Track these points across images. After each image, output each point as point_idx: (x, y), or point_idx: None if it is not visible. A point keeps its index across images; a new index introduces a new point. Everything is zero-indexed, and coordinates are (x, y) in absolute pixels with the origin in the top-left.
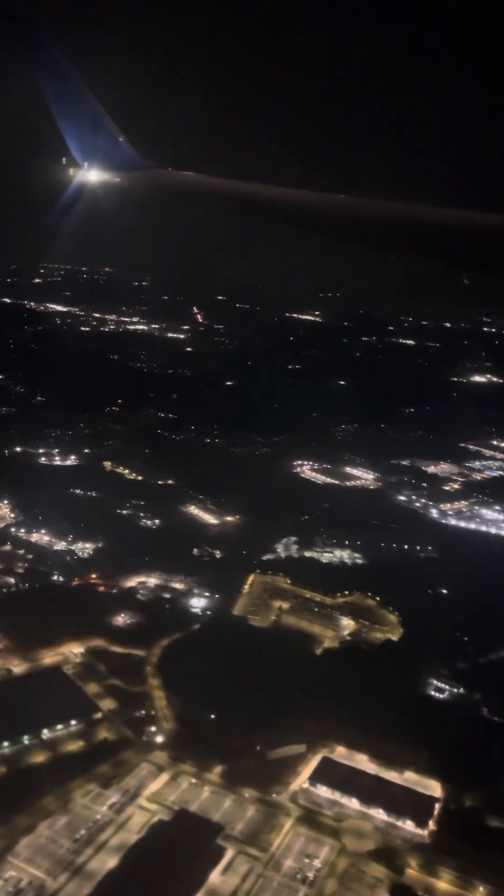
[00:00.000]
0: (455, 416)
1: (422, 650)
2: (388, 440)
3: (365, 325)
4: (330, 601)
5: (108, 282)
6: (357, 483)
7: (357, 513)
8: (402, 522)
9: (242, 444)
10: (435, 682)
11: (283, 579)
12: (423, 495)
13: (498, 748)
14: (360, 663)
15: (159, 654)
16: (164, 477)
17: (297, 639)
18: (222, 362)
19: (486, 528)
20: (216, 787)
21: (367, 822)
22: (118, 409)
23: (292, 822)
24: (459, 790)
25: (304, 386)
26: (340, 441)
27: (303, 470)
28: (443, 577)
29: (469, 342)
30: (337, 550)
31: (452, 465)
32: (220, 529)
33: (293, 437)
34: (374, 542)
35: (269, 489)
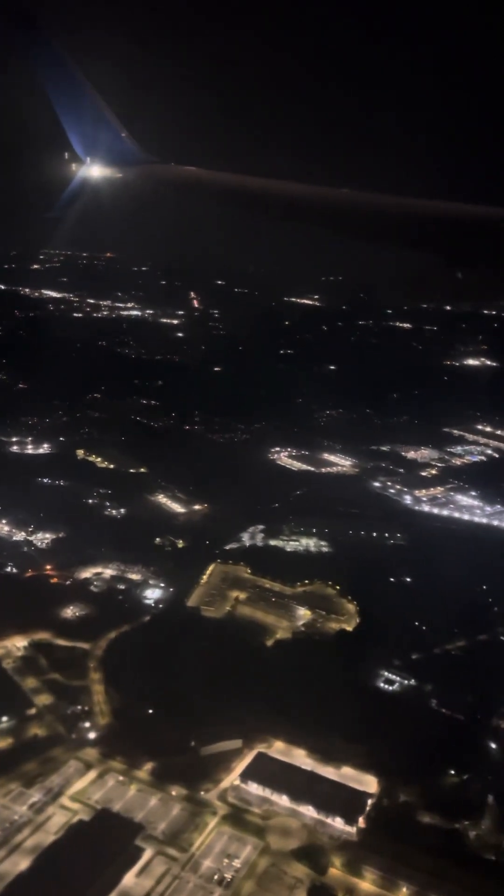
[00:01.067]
0: (443, 401)
1: (376, 640)
2: (371, 426)
3: (363, 309)
4: (289, 591)
5: (107, 267)
6: (333, 470)
7: (328, 500)
8: (374, 509)
9: (222, 430)
10: (386, 674)
11: (243, 569)
12: (398, 482)
13: (442, 741)
14: (310, 655)
15: (105, 647)
16: (136, 465)
17: (250, 630)
18: (212, 348)
19: (459, 515)
20: (144, 784)
21: (295, 820)
22: (99, 397)
23: (217, 821)
24: (395, 785)
25: (293, 371)
26: (323, 427)
27: (280, 457)
28: (408, 565)
29: (468, 325)
30: (303, 539)
31: (433, 451)
32: (186, 518)
33: (275, 424)
34: (342, 530)
35: (242, 477)
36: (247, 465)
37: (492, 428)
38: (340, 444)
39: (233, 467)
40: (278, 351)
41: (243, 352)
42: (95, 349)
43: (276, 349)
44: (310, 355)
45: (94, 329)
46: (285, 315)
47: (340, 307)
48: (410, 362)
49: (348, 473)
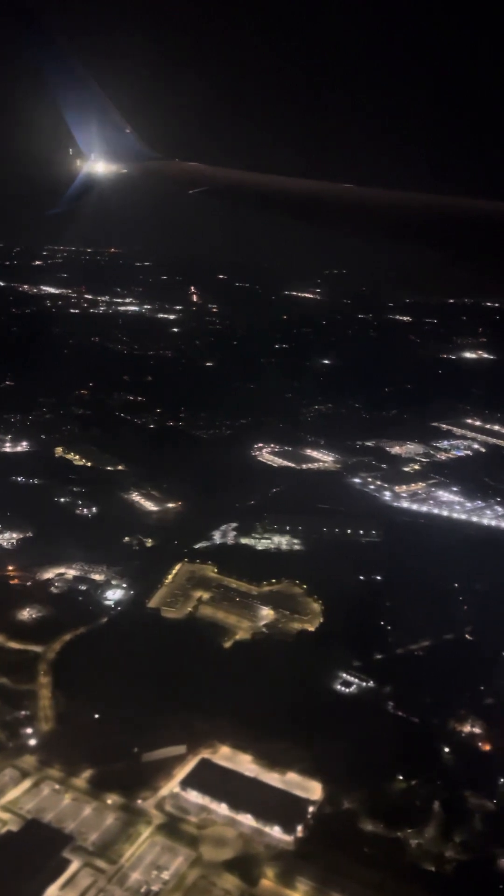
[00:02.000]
0: (434, 395)
1: (338, 641)
2: (359, 421)
3: (364, 303)
4: (255, 590)
5: (109, 263)
6: (314, 466)
7: (305, 497)
8: (351, 506)
9: (206, 426)
10: (344, 676)
11: (210, 568)
12: (378, 478)
13: (394, 745)
14: (267, 656)
15: (58, 650)
16: (114, 462)
17: (209, 631)
18: (207, 343)
19: (438, 511)
20: (80, 793)
21: (231, 829)
22: (86, 393)
23: (151, 831)
24: (340, 792)
25: (286, 365)
26: (310, 422)
27: (261, 453)
28: (380, 562)
29: (468, 318)
30: (276, 537)
31: (419, 446)
32: (159, 517)
33: (262, 419)
34: (316, 528)
35: (220, 474)
36: (227, 461)
37: (481, 422)
38: (325, 439)
39: (212, 464)
40: (273, 345)
41: (237, 346)
42: (88, 345)
43: (272, 343)
44: (305, 350)
45: (89, 325)
46: (284, 309)
47: (341, 301)
48: (406, 356)
49: (329, 469)
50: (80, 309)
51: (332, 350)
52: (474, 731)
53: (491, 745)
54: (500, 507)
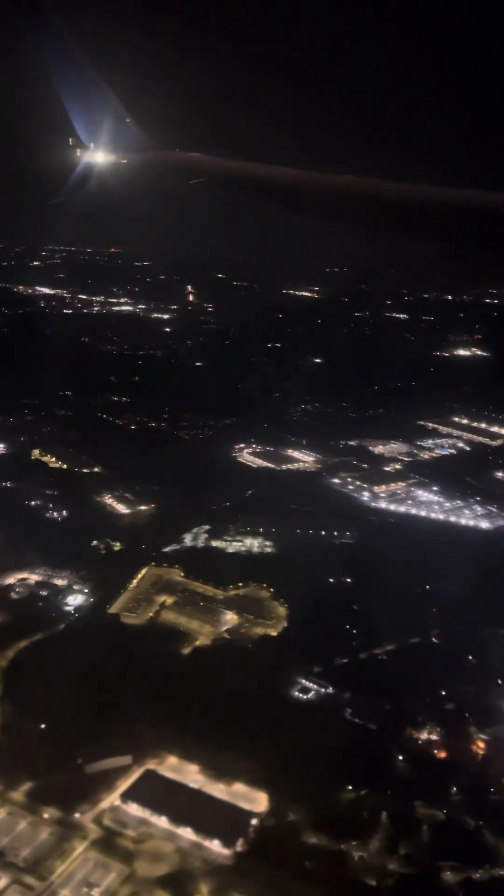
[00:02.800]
0: (424, 393)
1: (300, 646)
2: (345, 420)
3: (362, 300)
4: (221, 595)
5: (108, 263)
6: (293, 466)
7: (282, 498)
8: (327, 507)
9: (189, 427)
10: (302, 682)
11: (177, 572)
12: (358, 478)
13: (347, 753)
14: (226, 663)
15: (11, 657)
16: (91, 465)
17: (168, 637)
18: (198, 342)
19: (416, 511)
20: (16, 807)
21: (170, 844)
22: (71, 394)
23: (86, 846)
24: (286, 803)
25: (277, 365)
26: (295, 422)
27: (241, 454)
28: (352, 564)
29: (466, 315)
30: (248, 539)
31: (403, 445)
32: (130, 520)
33: (246, 419)
34: (289, 529)
35: (197, 475)
36: (205, 462)
37: (468, 420)
38: (308, 439)
39: (190, 465)
40: (266, 344)
41: (229, 346)
42: (77, 346)
43: (264, 343)
44: (297, 348)
45: (81, 325)
46: (280, 308)
47: (339, 299)
48: (399, 354)
49: (309, 470)
50: (73, 309)
51: (325, 349)
52: (431, 739)
53: (447, 753)
54: (480, 506)
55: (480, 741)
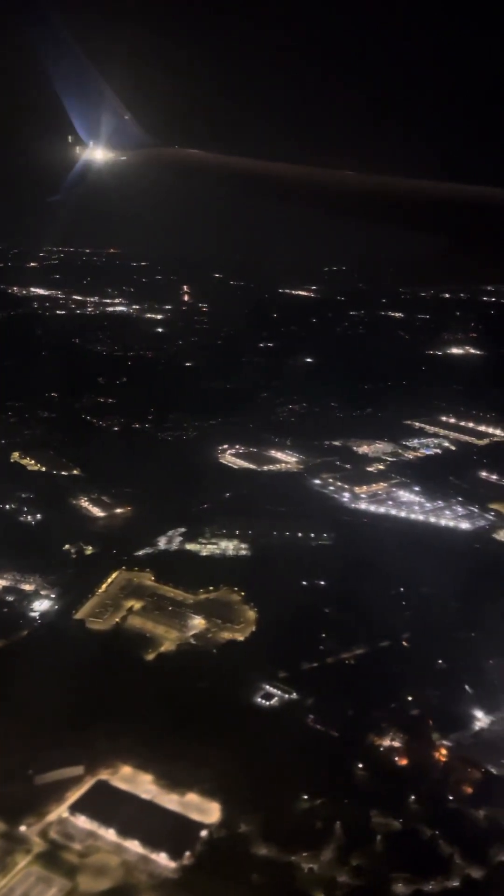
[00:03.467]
0: (413, 392)
1: (267, 650)
2: (331, 420)
3: (358, 299)
4: (191, 599)
5: (106, 264)
6: (275, 467)
7: (261, 500)
8: (306, 508)
9: (173, 428)
10: (266, 688)
11: (147, 576)
12: (339, 478)
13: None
14: (190, 669)
15: None
16: (70, 467)
17: (133, 643)
18: (190, 343)
19: (396, 512)
20: None
21: (116, 857)
22: (56, 395)
23: (29, 860)
24: (239, 813)
25: (267, 364)
26: (282, 422)
27: (224, 455)
28: (327, 567)
29: (462, 313)
30: (223, 541)
31: (388, 444)
32: (105, 523)
33: (232, 420)
34: (266, 532)
35: (176, 477)
36: (186, 464)
37: (455, 419)
38: (293, 439)
39: (170, 467)
40: (258, 344)
41: (220, 346)
42: (66, 347)
43: (257, 342)
44: (289, 348)
45: (73, 326)
46: (276, 307)
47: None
48: (391, 353)
49: (290, 471)
50: (66, 310)
51: (317, 348)
52: (393, 746)
53: (408, 760)
54: (461, 507)
55: (443, 748)
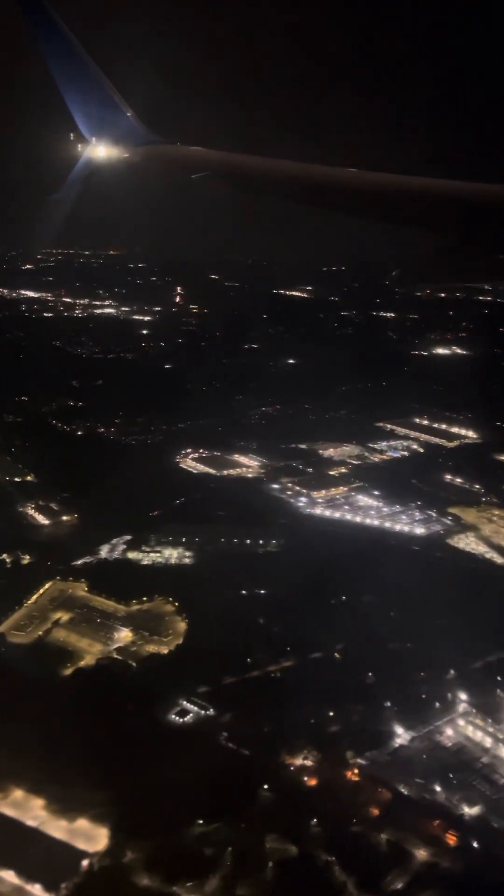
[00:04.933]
0: (391, 393)
1: (190, 664)
2: (303, 422)
3: (352, 299)
4: (122, 610)
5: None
6: (235, 472)
7: (213, 505)
8: (259, 514)
9: (140, 432)
10: (183, 704)
11: (81, 586)
12: (298, 483)
13: (210, 783)
14: (107, 684)
15: None
16: (24, 473)
17: (52, 657)
18: (173, 344)
19: (351, 517)
20: None
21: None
22: (26, 399)
23: None
24: (126, 841)
25: (249, 366)
26: (252, 424)
27: (185, 460)
28: (270, 575)
29: (455, 312)
30: (167, 550)
31: (355, 447)
32: (48, 531)
33: (202, 423)
34: (213, 539)
35: (131, 483)
36: (144, 469)
37: (429, 421)
38: (259, 442)
39: (127, 472)
40: (242, 346)
41: (204, 347)
42: (46, 350)
43: (242, 343)
44: (274, 349)
45: (57, 329)
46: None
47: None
48: (376, 353)
49: (250, 475)
50: (54, 313)
51: (302, 349)
52: (305, 765)
53: (317, 780)
54: (419, 511)
55: (356, 767)
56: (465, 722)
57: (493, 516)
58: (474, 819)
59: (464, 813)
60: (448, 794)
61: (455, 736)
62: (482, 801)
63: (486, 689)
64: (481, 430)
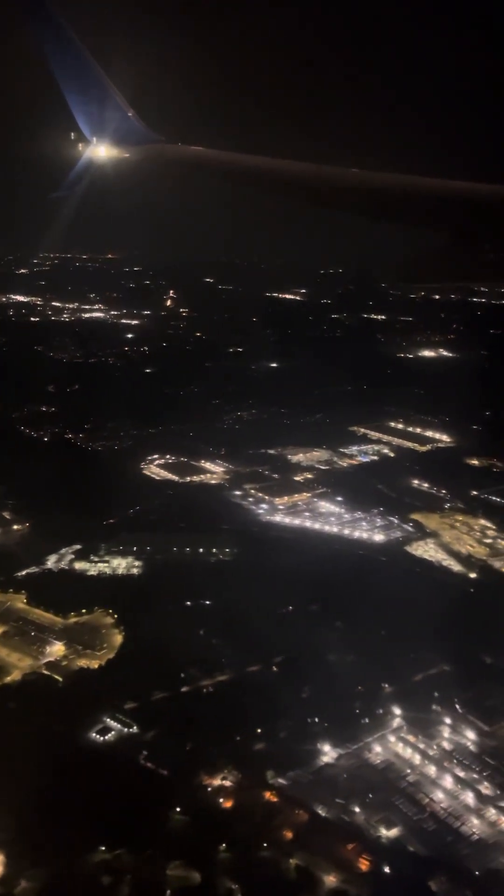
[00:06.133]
0: (370, 396)
1: (120, 679)
2: (276, 426)
3: (344, 302)
4: (59, 623)
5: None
6: (199, 478)
7: (171, 513)
8: (216, 521)
9: (108, 438)
10: (106, 721)
11: (21, 598)
12: (261, 489)
13: (121, 806)
14: (28, 701)
15: None
16: None
17: None
18: (157, 348)
19: (311, 524)
20: None
21: None
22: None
23: None
24: (21, 870)
25: (230, 369)
26: (225, 429)
27: (149, 466)
28: (219, 584)
29: (447, 314)
30: (116, 559)
31: (325, 452)
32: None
33: (174, 427)
34: (166, 548)
35: (91, 490)
36: (106, 476)
37: (404, 424)
38: (229, 448)
39: (88, 479)
40: (227, 349)
41: (188, 351)
42: (26, 354)
43: (227, 347)
44: (259, 352)
45: (41, 333)
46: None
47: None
48: (361, 356)
49: (213, 482)
50: (41, 317)
51: (287, 352)
52: (223, 786)
53: (233, 802)
54: (381, 518)
55: (275, 788)
56: (396, 738)
57: (456, 522)
58: (391, 842)
59: (381, 836)
60: (367, 815)
61: (384, 753)
62: (402, 822)
63: (422, 703)
64: (456, 433)
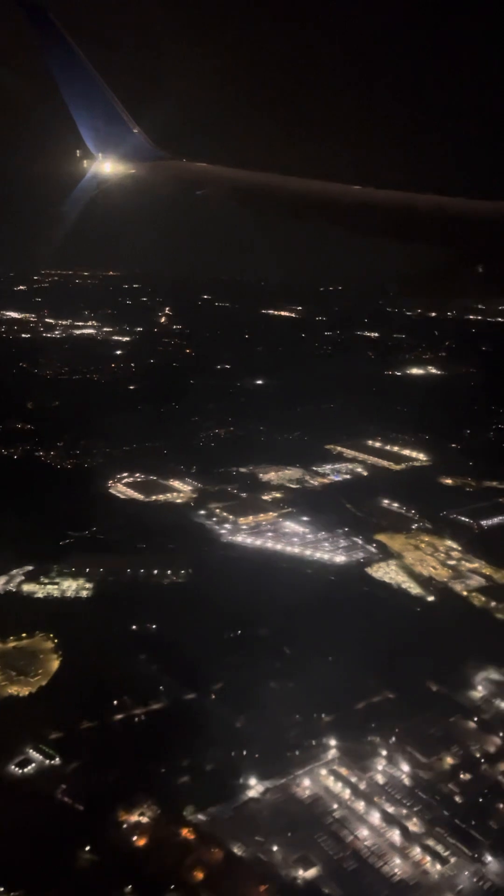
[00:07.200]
0: (351, 414)
1: (49, 707)
2: (251, 444)
3: (339, 319)
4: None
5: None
6: (165, 497)
7: (131, 533)
8: (176, 543)
9: (79, 456)
10: (28, 752)
11: None
12: (226, 509)
13: (27, 844)
14: None
15: None
16: None
17: None
18: (144, 365)
19: (273, 545)
20: None
21: None
22: None
23: None
24: None
25: (215, 387)
26: (200, 447)
27: (116, 485)
28: (169, 607)
29: (440, 332)
30: (67, 581)
31: (297, 470)
32: None
33: (147, 446)
34: (120, 569)
35: (52, 510)
36: (71, 495)
37: (381, 443)
38: (200, 466)
39: (52, 498)
40: (215, 366)
41: (176, 368)
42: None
43: (215, 364)
44: (246, 370)
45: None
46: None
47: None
48: (348, 374)
49: (179, 501)
50: (32, 333)
51: (275, 369)
52: (140, 822)
53: (147, 840)
54: (344, 538)
55: (193, 825)
56: (327, 771)
57: (421, 543)
58: (305, 883)
59: (296, 877)
60: (285, 854)
61: (312, 787)
62: (321, 861)
63: (360, 733)
64: (433, 452)
